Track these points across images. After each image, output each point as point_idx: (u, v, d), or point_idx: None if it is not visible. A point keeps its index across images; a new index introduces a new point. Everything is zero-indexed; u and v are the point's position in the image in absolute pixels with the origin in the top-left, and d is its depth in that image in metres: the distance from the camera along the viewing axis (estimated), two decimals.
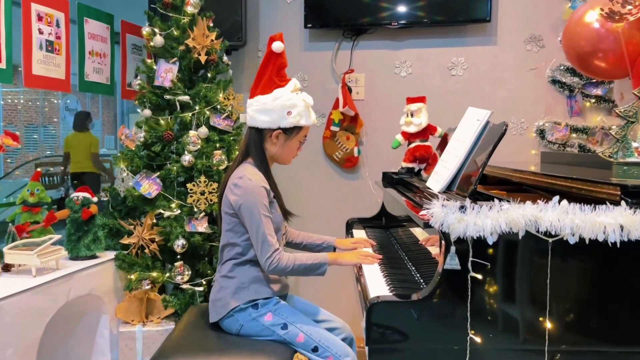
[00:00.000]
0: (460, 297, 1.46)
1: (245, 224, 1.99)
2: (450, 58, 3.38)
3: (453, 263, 1.44)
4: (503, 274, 1.48)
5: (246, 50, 3.60)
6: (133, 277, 2.65)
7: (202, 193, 2.71)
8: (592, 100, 3.19)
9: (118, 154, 2.85)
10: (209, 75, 2.94)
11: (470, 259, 1.45)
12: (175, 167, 2.73)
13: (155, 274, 2.66)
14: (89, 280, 2.51)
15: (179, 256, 2.71)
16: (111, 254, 2.73)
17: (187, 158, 2.71)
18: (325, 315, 2.23)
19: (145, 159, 2.81)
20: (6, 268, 2.34)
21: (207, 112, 2.83)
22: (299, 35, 3.54)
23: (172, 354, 1.85)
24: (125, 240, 2.70)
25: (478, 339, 1.46)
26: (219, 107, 2.88)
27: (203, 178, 2.71)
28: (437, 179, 2.10)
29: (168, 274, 2.70)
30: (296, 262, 1.97)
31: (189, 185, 2.71)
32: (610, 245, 1.41)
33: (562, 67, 3.22)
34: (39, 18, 2.66)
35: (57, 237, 2.43)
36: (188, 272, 2.71)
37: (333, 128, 3.48)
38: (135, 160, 2.78)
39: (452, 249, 1.45)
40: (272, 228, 1.98)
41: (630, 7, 1.94)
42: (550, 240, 1.44)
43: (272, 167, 2.18)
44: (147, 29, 2.89)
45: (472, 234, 1.43)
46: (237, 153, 2.21)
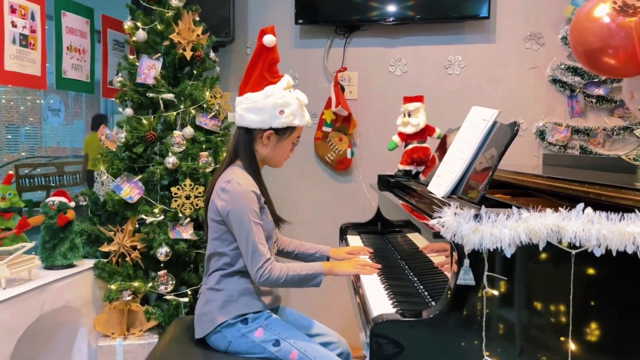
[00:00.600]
0: (474, 315, 1.32)
1: (234, 232, 1.84)
2: (447, 56, 3.25)
3: (467, 278, 1.30)
4: (521, 290, 1.33)
5: (234, 47, 3.44)
6: (113, 287, 2.47)
7: (188, 197, 2.55)
8: (594, 101, 3.07)
9: (97, 156, 2.68)
10: (195, 72, 2.78)
11: (486, 273, 1.31)
12: (158, 170, 2.56)
13: (137, 283, 2.49)
14: (65, 292, 2.34)
15: (162, 264, 2.54)
16: (90, 263, 2.55)
17: (171, 160, 2.54)
18: (319, 328, 2.09)
19: (127, 161, 2.64)
20: None
21: (193, 111, 2.67)
22: (289, 32, 3.40)
23: None
24: (105, 248, 2.53)
25: None
26: (205, 106, 2.72)
27: (188, 181, 2.55)
28: (440, 183, 1.96)
29: (151, 284, 2.53)
30: (289, 272, 1.83)
31: (173, 189, 2.54)
32: None
33: (562, 66, 3.10)
34: (12, 10, 2.48)
35: (30, 245, 2.25)
36: (172, 282, 2.55)
37: (325, 129, 3.34)
38: (115, 162, 2.61)
39: (466, 262, 1.31)
40: (263, 236, 1.84)
41: None
42: (574, 252, 1.30)
43: (261, 170, 2.03)
44: (129, 22, 2.73)
45: (488, 246, 1.29)
46: (225, 155, 2.05)
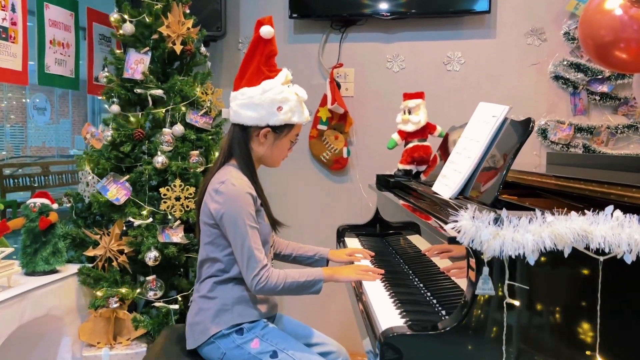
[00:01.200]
0: (493, 327, 1.21)
1: (228, 237, 1.72)
2: (446, 52, 3.15)
3: (486, 288, 1.19)
4: (544, 300, 1.23)
5: (225, 41, 3.32)
6: (99, 293, 2.34)
7: (178, 199, 2.42)
8: (598, 98, 2.98)
9: (82, 155, 2.54)
10: (185, 67, 2.65)
11: (507, 282, 1.20)
12: (146, 170, 2.43)
13: (124, 289, 2.36)
14: (48, 299, 2.21)
15: (151, 269, 2.41)
16: (74, 268, 2.42)
17: (160, 159, 2.41)
18: (319, 337, 1.98)
19: (114, 161, 2.51)
20: None
21: (183, 108, 2.54)
22: (283, 27, 3.28)
23: None
24: (90, 252, 2.40)
25: None
26: (196, 102, 2.59)
27: (178, 182, 2.42)
28: (447, 184, 1.85)
29: (139, 290, 2.40)
30: (287, 279, 1.72)
31: (162, 190, 2.41)
32: None
33: (565, 62, 3.01)
34: None
35: (9, 250, 2.12)
36: (162, 288, 2.42)
37: (320, 127, 3.23)
38: (101, 161, 2.47)
39: (485, 270, 1.20)
40: (259, 241, 1.72)
41: None
42: (602, 258, 1.19)
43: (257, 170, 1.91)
44: (115, 15, 2.60)
45: (510, 253, 1.18)
46: (218, 153, 1.93)
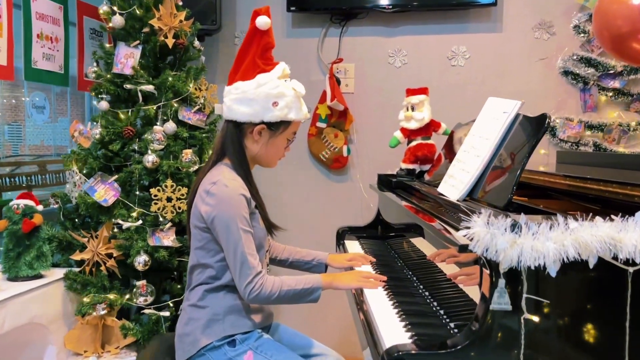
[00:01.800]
0: (510, 346, 1.09)
1: (220, 242, 1.61)
2: (450, 46, 3.03)
3: (502, 302, 1.07)
4: (565, 316, 1.10)
5: (221, 35, 3.20)
6: (86, 299, 2.22)
7: (169, 200, 2.30)
8: (609, 94, 2.86)
9: (69, 154, 2.42)
10: (178, 62, 2.53)
11: (525, 295, 1.08)
12: (137, 169, 2.31)
13: (112, 295, 2.23)
14: (31, 306, 2.09)
15: (141, 274, 2.29)
16: (60, 273, 2.30)
17: (151, 158, 2.29)
18: (317, 347, 1.86)
19: (102, 160, 2.39)
20: None
21: (175, 105, 2.42)
22: (280, 20, 3.16)
23: None
24: (77, 256, 2.28)
25: None
26: (189, 98, 2.47)
27: (169, 182, 2.30)
28: (454, 184, 1.73)
29: (128, 296, 2.27)
30: (283, 287, 1.61)
31: (153, 191, 2.29)
32: None
33: (575, 57, 2.89)
34: None
35: None
36: (153, 293, 2.29)
37: (319, 124, 3.11)
38: (89, 160, 2.35)
39: (501, 282, 1.07)
40: (253, 246, 1.61)
41: None
42: (631, 269, 1.07)
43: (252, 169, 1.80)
44: (104, 7, 2.47)
45: (529, 263, 1.05)
46: (211, 152, 1.81)
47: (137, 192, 2.33)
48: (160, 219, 2.30)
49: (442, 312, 1.48)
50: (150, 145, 2.31)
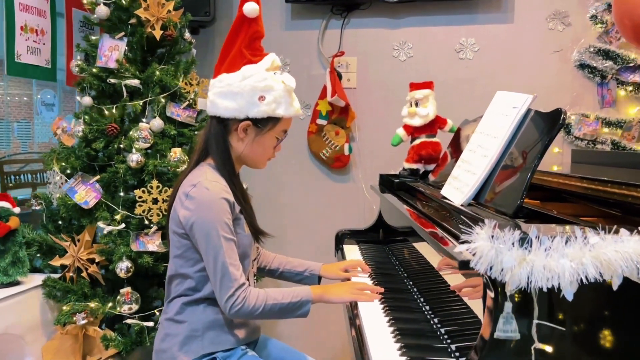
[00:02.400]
0: None
1: (200, 250, 1.47)
2: (458, 38, 2.86)
3: (510, 330, 0.91)
4: (584, 346, 0.94)
5: (216, 28, 3.05)
6: (65, 308, 2.08)
7: (155, 201, 2.15)
8: (629, 88, 2.67)
9: (49, 152, 2.28)
10: (167, 55, 2.38)
11: (536, 322, 0.92)
12: (121, 169, 2.17)
13: (93, 304, 2.09)
14: (6, 315, 1.96)
15: (125, 281, 2.15)
16: (40, 279, 2.16)
17: (135, 157, 2.14)
18: None
19: (85, 159, 2.25)
20: None
21: (163, 100, 2.27)
22: (279, 11, 3.01)
23: None
24: (56, 262, 2.14)
25: None
26: (178, 94, 2.32)
27: (155, 182, 2.15)
28: (458, 187, 1.57)
29: (111, 304, 2.13)
30: (268, 301, 1.46)
31: (137, 192, 2.14)
32: None
33: (592, 49, 2.70)
34: None
35: None
36: (138, 301, 2.15)
37: (320, 121, 2.95)
38: (71, 159, 2.21)
39: (508, 306, 0.91)
40: (235, 255, 1.46)
41: None
42: None
43: (242, 168, 1.65)
44: None
45: (541, 284, 0.89)
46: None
47: (122, 194, 2.19)
48: (146, 222, 2.16)
49: (443, 331, 1.32)
50: (135, 143, 2.17)
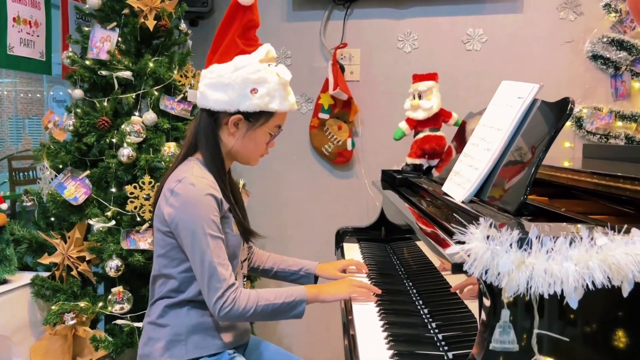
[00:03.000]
0: None
1: (185, 249, 1.39)
2: (465, 29, 2.75)
3: (507, 340, 0.81)
4: (590, 358, 0.85)
5: (214, 19, 2.97)
6: (54, 307, 2.01)
7: (147, 198, 2.08)
8: None
9: (40, 147, 2.22)
10: (161, 46, 2.30)
11: (536, 331, 0.82)
12: (112, 164, 2.09)
13: (83, 303, 2.02)
14: None
15: (117, 279, 2.08)
16: (29, 277, 2.10)
17: (126, 152, 2.07)
18: None
19: (76, 153, 2.18)
20: None
21: (156, 93, 2.19)
22: (280, 2, 2.93)
23: None
24: (45, 260, 2.07)
25: None
26: (173, 86, 2.25)
27: (147, 178, 2.08)
28: (459, 183, 1.48)
29: (102, 303, 2.06)
30: (260, 302, 1.38)
31: (129, 188, 2.07)
32: None
33: (605, 39, 2.58)
34: None
35: None
36: (130, 300, 2.08)
37: (322, 115, 2.86)
38: (61, 154, 2.14)
39: (505, 314, 0.82)
40: (224, 254, 1.38)
41: None
42: None
43: (229, 167, 1.57)
44: None
45: (541, 289, 0.80)
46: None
47: (113, 190, 2.12)
48: (138, 219, 2.08)
49: (440, 337, 1.23)
50: (127, 137, 2.09)
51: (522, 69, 2.70)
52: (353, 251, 2.14)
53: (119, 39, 2.23)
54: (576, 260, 0.80)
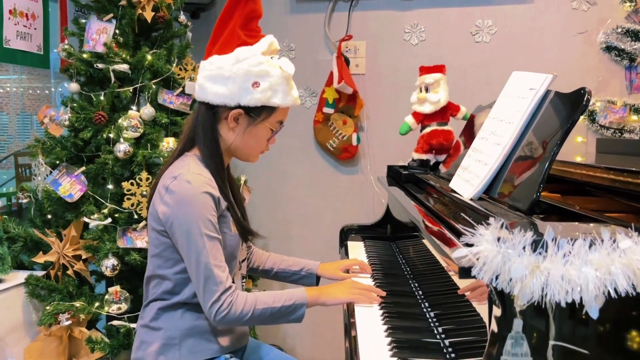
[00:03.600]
0: None
1: (180, 250, 1.33)
2: (474, 20, 2.67)
3: (520, 352, 0.74)
4: None
5: (216, 12, 2.90)
6: (48, 308, 1.96)
7: (145, 194, 2.02)
8: None
9: (34, 142, 2.16)
10: (159, 39, 2.24)
11: (552, 343, 0.75)
12: (109, 160, 2.03)
13: (78, 303, 1.97)
14: None
15: (114, 279, 2.02)
16: (22, 277, 2.04)
17: (123, 147, 2.01)
18: None
19: (72, 149, 2.12)
20: None
21: (154, 86, 2.13)
22: None
23: None
24: (40, 258, 2.01)
25: None
26: (171, 79, 2.18)
27: (145, 174, 2.01)
28: (468, 179, 1.41)
29: (98, 303, 2.00)
30: (258, 306, 1.32)
31: (126, 185, 2.01)
32: None
33: (619, 30, 2.50)
34: None
35: None
36: (128, 300, 2.02)
37: (326, 110, 2.79)
38: (56, 150, 2.09)
39: (518, 324, 0.75)
40: (220, 256, 1.32)
41: None
42: None
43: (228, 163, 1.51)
44: None
45: (558, 297, 0.72)
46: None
47: (110, 186, 2.05)
48: (135, 216, 2.02)
49: (447, 342, 1.16)
50: (123, 132, 2.03)
51: (532, 61, 2.61)
52: (357, 249, 2.07)
53: (116, 31, 2.17)
54: (597, 265, 0.72)
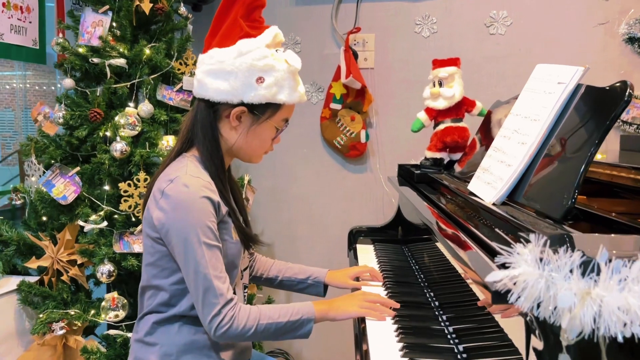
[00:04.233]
0: None
1: (177, 259, 1.22)
2: (488, 11, 2.55)
3: None
4: None
5: (218, 3, 2.77)
6: (42, 316, 1.86)
7: (142, 196, 1.91)
8: None
9: (27, 141, 2.05)
10: (158, 32, 2.13)
11: None
12: (106, 160, 1.93)
13: (73, 311, 1.87)
14: None
15: (111, 285, 1.92)
16: (14, 283, 1.94)
17: (119, 146, 1.90)
18: None
19: (67, 148, 2.02)
20: None
21: (152, 82, 2.02)
22: None
23: None
24: (33, 263, 1.91)
25: None
26: (171, 75, 2.07)
27: (143, 175, 1.91)
28: (490, 181, 1.29)
29: (94, 311, 1.90)
30: (262, 320, 1.22)
31: (122, 186, 1.90)
32: None
33: None
34: None
35: None
36: (126, 307, 1.92)
37: (333, 106, 2.68)
38: (50, 149, 1.98)
39: None
40: (221, 265, 1.21)
41: None
42: None
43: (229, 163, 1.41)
44: None
45: (614, 330, 0.61)
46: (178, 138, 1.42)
47: (106, 187, 1.95)
48: (132, 219, 1.92)
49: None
50: (120, 130, 1.93)
51: (550, 53, 2.49)
52: (367, 254, 1.97)
53: (113, 24, 2.06)
54: None
